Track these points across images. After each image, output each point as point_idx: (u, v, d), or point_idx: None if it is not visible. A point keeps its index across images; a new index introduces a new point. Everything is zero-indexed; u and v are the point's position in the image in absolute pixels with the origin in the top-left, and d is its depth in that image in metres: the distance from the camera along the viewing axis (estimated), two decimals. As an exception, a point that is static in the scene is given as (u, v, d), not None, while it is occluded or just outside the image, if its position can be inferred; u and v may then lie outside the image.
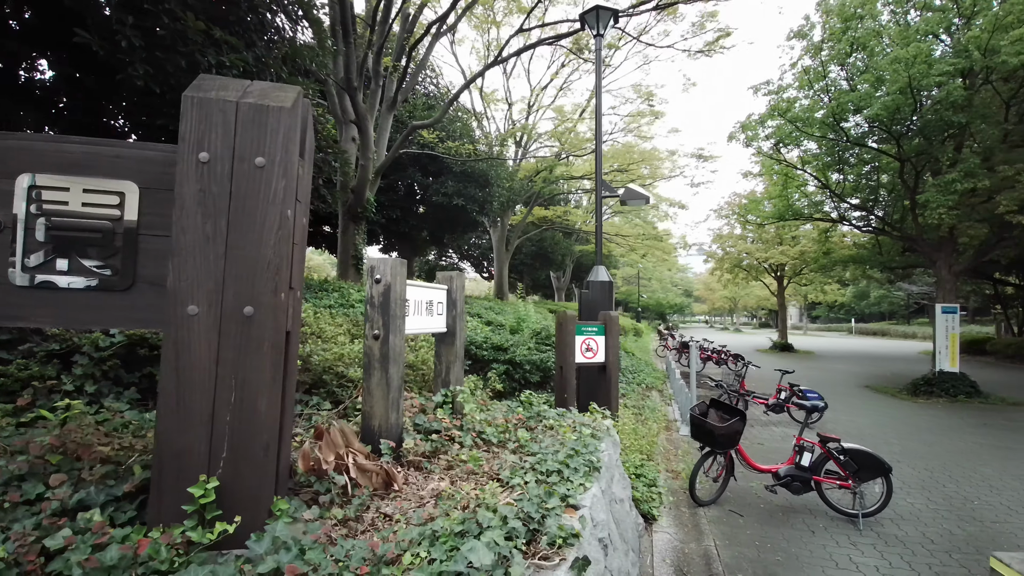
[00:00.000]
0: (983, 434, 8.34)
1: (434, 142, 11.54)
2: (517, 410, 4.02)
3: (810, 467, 4.70)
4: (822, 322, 71.51)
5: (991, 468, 6.44)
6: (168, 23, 4.50)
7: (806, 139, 13.37)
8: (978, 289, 27.50)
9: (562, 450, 2.89)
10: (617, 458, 4.03)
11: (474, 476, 2.65)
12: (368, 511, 2.12)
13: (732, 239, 27.10)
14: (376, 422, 2.70)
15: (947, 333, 12.09)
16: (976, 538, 4.37)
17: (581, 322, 5.74)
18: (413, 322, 3.16)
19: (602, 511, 2.55)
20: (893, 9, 12.08)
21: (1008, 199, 9.92)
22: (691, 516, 4.68)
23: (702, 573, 3.65)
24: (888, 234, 13.82)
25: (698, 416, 4.83)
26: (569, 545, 1.92)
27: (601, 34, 7.44)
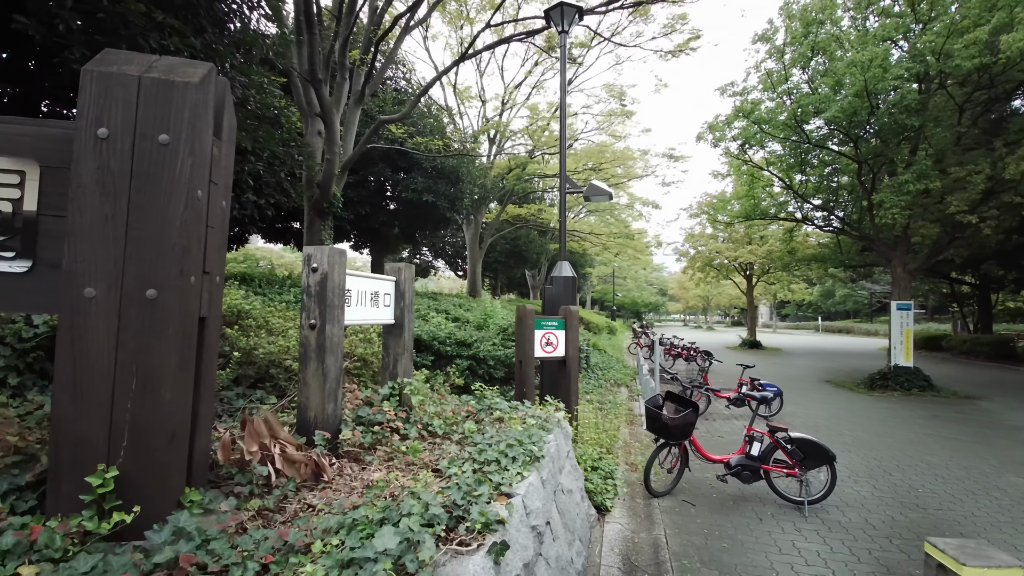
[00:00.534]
0: (933, 425, 8.68)
1: (403, 137, 11.41)
2: (470, 403, 4.01)
3: (759, 456, 4.81)
4: (791, 320, 73.47)
5: (938, 458, 6.70)
6: (107, 5, 4.33)
7: (771, 140, 13.70)
8: (935, 288, 28.62)
9: (504, 441, 2.88)
10: (568, 450, 4.05)
11: (413, 467, 2.62)
12: (291, 502, 2.07)
13: (703, 238, 27.58)
14: (312, 413, 2.65)
15: (902, 329, 12.54)
16: (918, 524, 4.53)
17: (541, 316, 5.75)
18: (356, 313, 3.11)
19: (539, 500, 2.54)
20: (853, 15, 12.47)
21: (959, 200, 10.34)
22: (645, 507, 4.73)
23: (649, 561, 3.69)
24: (848, 234, 14.27)
25: (653, 409, 4.89)
26: (492, 531, 1.91)
27: (565, 31, 7.47)
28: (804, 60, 11.78)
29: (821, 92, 11.04)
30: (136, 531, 1.60)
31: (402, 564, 1.51)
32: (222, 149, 1.96)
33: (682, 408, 4.89)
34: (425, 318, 8.05)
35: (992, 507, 4.94)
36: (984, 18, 9.95)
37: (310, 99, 9.95)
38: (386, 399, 3.36)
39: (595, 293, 57.90)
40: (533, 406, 4.17)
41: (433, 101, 19.66)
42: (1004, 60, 9.40)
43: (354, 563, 1.51)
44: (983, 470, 6.17)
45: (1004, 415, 9.65)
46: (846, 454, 6.79)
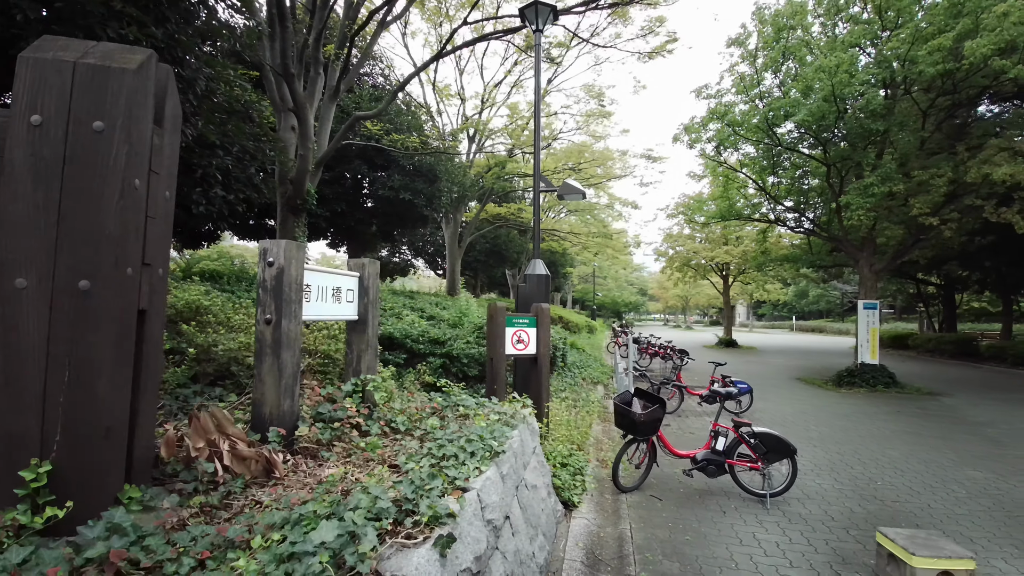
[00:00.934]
0: (895, 420, 8.95)
1: (379, 134, 11.30)
2: (436, 400, 4.00)
3: (724, 451, 4.90)
4: (767, 320, 74.96)
5: (898, 452, 6.91)
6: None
7: (744, 143, 13.96)
8: (902, 288, 29.52)
9: (464, 437, 2.88)
10: (535, 446, 4.07)
11: (371, 463, 2.60)
12: (239, 499, 2.04)
13: (681, 239, 27.97)
14: (267, 409, 2.61)
15: (868, 328, 12.91)
16: (875, 516, 4.66)
17: (512, 314, 5.76)
18: (316, 308, 3.07)
19: (496, 494, 2.55)
20: (823, 21, 12.77)
21: (921, 202, 10.68)
22: (613, 502, 4.78)
23: (613, 555, 3.73)
24: (817, 235, 14.63)
25: (622, 405, 4.94)
26: (442, 525, 1.91)
27: (540, 30, 7.49)
28: (775, 65, 12.03)
29: (792, 96, 11.28)
30: (72, 526, 1.56)
31: (342, 557, 1.50)
32: (164, 138, 1.91)
33: (650, 404, 4.94)
34: (399, 316, 7.98)
35: (949, 500, 5.11)
36: (949, 25, 10.30)
37: (283, 93, 9.79)
38: (349, 396, 3.33)
39: (576, 293, 58.24)
40: (501, 403, 4.18)
41: (412, 99, 19.52)
42: (967, 66, 9.73)
43: (293, 557, 1.49)
44: (942, 464, 6.38)
45: (965, 410, 10.00)
46: (811, 449, 6.96)
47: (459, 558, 1.94)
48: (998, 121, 13.20)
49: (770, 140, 12.82)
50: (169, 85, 1.94)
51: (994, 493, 5.31)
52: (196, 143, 7.12)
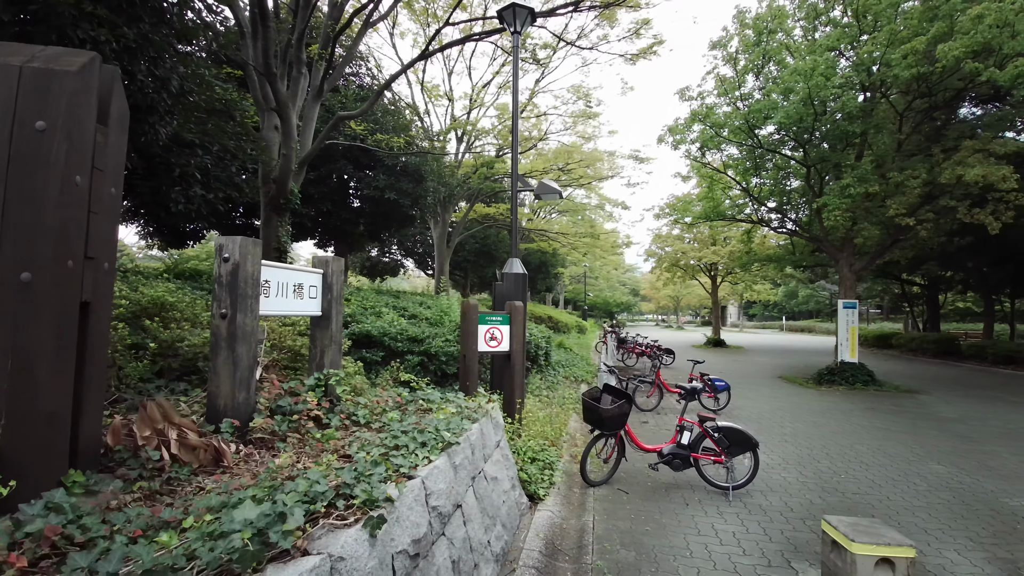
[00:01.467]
0: (868, 417, 9.13)
1: (364, 134, 11.36)
2: (403, 394, 4.08)
3: (689, 445, 5.02)
4: (758, 320, 75.53)
5: (866, 446, 7.07)
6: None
7: (728, 144, 14.14)
8: (888, 288, 29.89)
9: (419, 428, 2.97)
10: (499, 440, 4.16)
11: (324, 453, 2.68)
12: (184, 485, 2.12)
13: (670, 239, 28.18)
14: (222, 401, 2.68)
15: (847, 327, 13.11)
16: (834, 507, 4.79)
17: (485, 312, 5.85)
18: (276, 304, 3.15)
19: (444, 482, 2.64)
20: (803, 25, 12.97)
21: (897, 203, 10.88)
22: (580, 495, 4.88)
23: (573, 545, 3.82)
24: (799, 235, 14.84)
25: (589, 400, 5.04)
26: (377, 508, 2.00)
27: (518, 31, 7.58)
28: (756, 67, 12.21)
29: (772, 98, 11.45)
30: (16, 505, 1.63)
31: (267, 535, 1.58)
32: (109, 136, 1.99)
33: (617, 400, 5.05)
34: (378, 314, 8.04)
35: (909, 492, 5.26)
36: (925, 28, 10.50)
37: (266, 93, 9.82)
38: (311, 390, 3.40)
39: (568, 293, 58.39)
40: (468, 398, 4.27)
41: (400, 99, 19.58)
42: (940, 69, 9.93)
43: (220, 535, 1.57)
44: (907, 458, 6.54)
45: (937, 407, 10.20)
46: (781, 444, 7.10)
47: (395, 540, 2.03)
48: (974, 123, 13.44)
49: (752, 142, 13.00)
50: (115, 86, 2.01)
51: (955, 487, 5.46)
52: (174, 142, 7.17)
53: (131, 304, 3.59)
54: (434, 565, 2.33)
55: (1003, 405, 10.56)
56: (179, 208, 7.46)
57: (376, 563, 1.82)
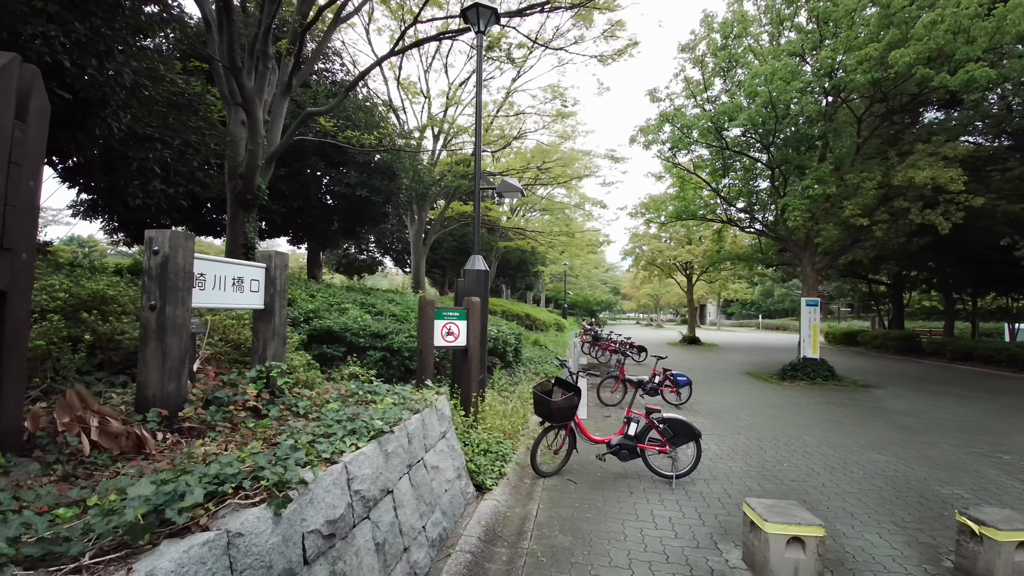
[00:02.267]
0: (822, 410, 9.46)
1: (334, 130, 11.33)
2: (350, 386, 4.16)
3: (636, 436, 5.19)
4: (736, 318, 76.88)
5: (814, 437, 7.35)
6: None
7: (698, 145, 14.43)
8: (856, 288, 30.75)
9: (352, 417, 3.05)
10: (444, 431, 4.26)
11: (253, 441, 2.75)
12: (103, 470, 2.18)
13: (646, 238, 28.57)
14: (151, 392, 2.73)
15: (810, 324, 13.51)
16: (771, 493, 5.00)
17: (442, 307, 5.94)
18: (214, 297, 3.20)
19: (370, 468, 2.73)
20: (769, 30, 13.30)
21: (854, 204, 11.27)
22: (530, 486, 5.01)
23: (513, 531, 3.95)
24: (766, 235, 15.22)
25: (539, 393, 5.17)
26: (288, 489, 2.09)
27: (482, 31, 7.67)
28: (722, 71, 12.50)
29: (736, 101, 11.74)
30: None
31: (163, 512, 1.67)
32: (27, 132, 2.04)
33: (567, 392, 5.19)
34: (342, 310, 8.08)
35: (844, 480, 5.51)
36: (881, 35, 10.87)
37: (232, 87, 9.74)
38: (252, 382, 3.46)
39: (549, 291, 58.71)
40: (414, 391, 4.36)
41: (376, 95, 19.49)
42: (894, 75, 10.30)
43: (116, 512, 1.65)
44: (850, 448, 6.82)
45: (889, 401, 10.61)
46: (735, 436, 7.34)
47: (307, 520, 2.13)
48: (931, 128, 13.94)
49: (720, 143, 13.30)
50: (34, 84, 2.06)
51: (890, 475, 5.73)
52: (131, 136, 7.10)
53: (70, 297, 3.60)
54: (353, 546, 2.43)
55: (953, 399, 11.02)
56: (137, 202, 7.39)
57: (279, 540, 1.91)
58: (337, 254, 25.39)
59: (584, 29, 17.87)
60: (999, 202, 12.85)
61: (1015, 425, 8.53)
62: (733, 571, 3.46)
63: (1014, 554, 3.32)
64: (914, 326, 31.16)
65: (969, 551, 3.49)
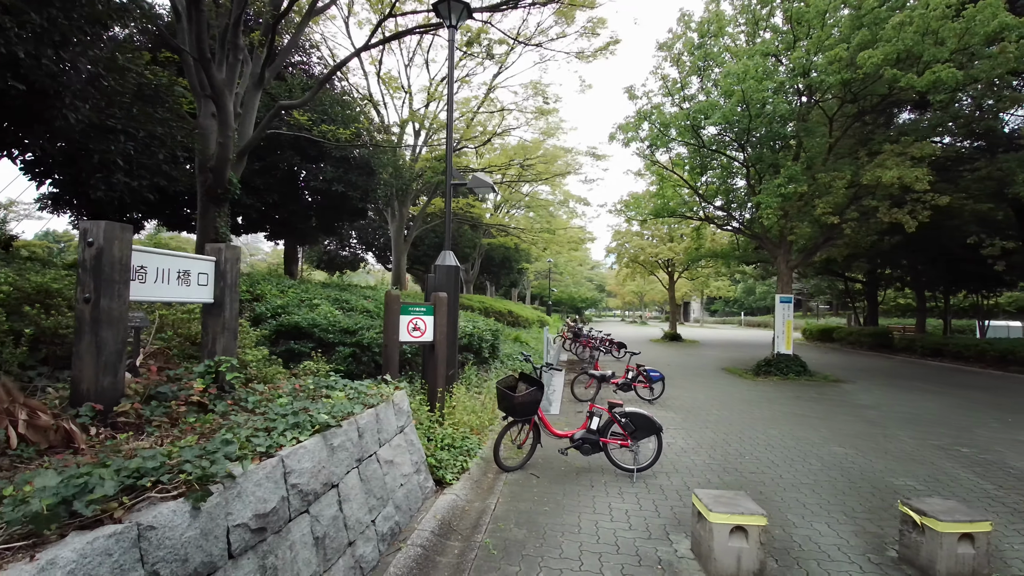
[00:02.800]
0: (791, 404, 9.63)
1: (308, 124, 11.20)
2: (307, 381, 4.13)
3: (598, 430, 5.23)
4: (719, 315, 77.78)
5: (778, 431, 7.48)
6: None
7: (677, 143, 14.54)
8: (833, 285, 31.32)
9: (296, 412, 3.04)
10: (401, 426, 4.26)
11: (192, 435, 2.72)
12: (27, 463, 2.14)
13: (628, 235, 28.74)
14: (85, 385, 2.68)
15: (783, 320, 13.73)
16: (728, 485, 5.08)
17: (408, 303, 5.93)
18: (157, 290, 3.15)
19: (310, 462, 2.72)
20: (746, 30, 13.44)
21: (824, 203, 11.46)
22: (492, 480, 5.03)
23: (469, 525, 3.97)
24: (743, 233, 15.42)
25: (503, 389, 5.18)
26: (213, 483, 2.07)
27: (454, 25, 7.64)
28: (698, 69, 12.61)
29: (713, 99, 11.85)
30: None
31: (71, 503, 1.64)
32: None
33: (530, 387, 5.22)
34: (312, 306, 8.01)
35: (802, 471, 5.62)
36: (852, 36, 11.04)
37: (202, 79, 9.58)
38: (200, 377, 3.42)
39: (534, 289, 58.80)
40: (371, 386, 4.34)
41: (355, 89, 19.31)
42: (862, 75, 10.48)
43: (27, 502, 1.63)
44: (813, 441, 6.96)
45: (857, 395, 10.84)
46: (703, 430, 7.44)
47: (232, 514, 2.11)
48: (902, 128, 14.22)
49: (696, 141, 13.42)
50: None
51: (846, 467, 5.85)
52: (93, 127, 6.95)
53: (14, 291, 3.52)
54: (288, 540, 2.42)
55: (918, 394, 11.30)
56: (99, 195, 7.23)
57: (197, 533, 1.90)
58: (318, 250, 25.14)
59: (566, 26, 17.92)
60: (967, 201, 13.17)
61: (976, 419, 8.76)
62: (681, 561, 3.51)
63: (956, 545, 3.40)
64: (889, 323, 31.84)
65: (912, 541, 3.58)
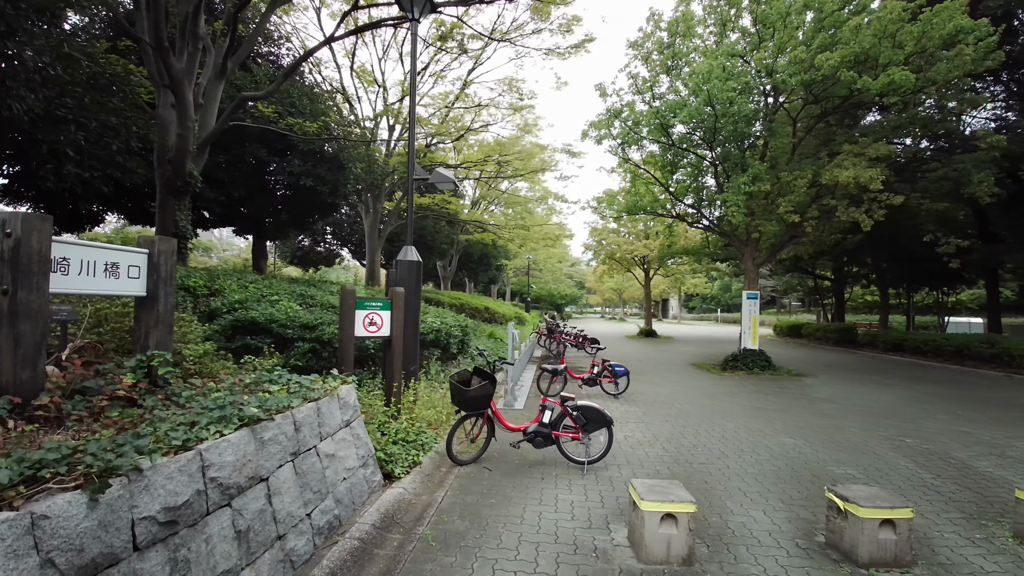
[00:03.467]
0: (751, 398, 9.86)
1: (273, 117, 11.02)
2: (249, 376, 4.10)
3: (550, 423, 5.30)
4: (697, 312, 78.98)
5: (734, 423, 7.66)
6: None
7: (649, 141, 14.71)
8: (803, 282, 32.09)
9: (219, 406, 3.02)
10: (346, 420, 4.25)
11: (113, 429, 2.69)
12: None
13: (605, 233, 28.98)
14: (3, 379, 2.63)
15: (750, 316, 14.03)
16: (677, 475, 5.20)
17: (364, 298, 5.90)
18: (82, 282, 3.09)
19: (233, 455, 2.71)
20: (714, 30, 13.64)
21: (786, 201, 11.74)
22: (445, 474, 5.05)
23: (413, 518, 3.99)
24: (712, 230, 15.69)
25: (456, 383, 5.21)
26: (118, 476, 2.06)
27: (416, 19, 7.60)
28: (666, 68, 12.77)
29: (681, 98, 12.02)
30: None
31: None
32: None
33: (483, 381, 5.25)
34: (272, 301, 7.91)
35: (748, 462, 5.77)
36: (814, 38, 11.31)
37: (160, 68, 9.35)
38: (132, 371, 3.37)
39: (514, 285, 58.88)
40: (317, 379, 4.32)
41: (329, 82, 19.05)
42: (820, 77, 10.75)
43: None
44: (766, 432, 7.15)
45: (816, 389, 11.15)
46: (662, 423, 7.59)
47: (138, 507, 2.10)
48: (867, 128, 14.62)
49: (666, 139, 13.59)
50: None
51: (793, 456, 6.03)
52: (42, 118, 6.75)
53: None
54: (204, 533, 2.41)
55: (874, 387, 11.67)
56: (48, 187, 7.02)
57: (94, 524, 1.89)
58: (292, 246, 24.76)
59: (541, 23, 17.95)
60: (923, 201, 13.62)
61: (926, 411, 9.08)
62: (616, 548, 3.60)
63: (878, 531, 3.55)
64: (856, 319, 32.76)
65: (837, 526, 3.73)
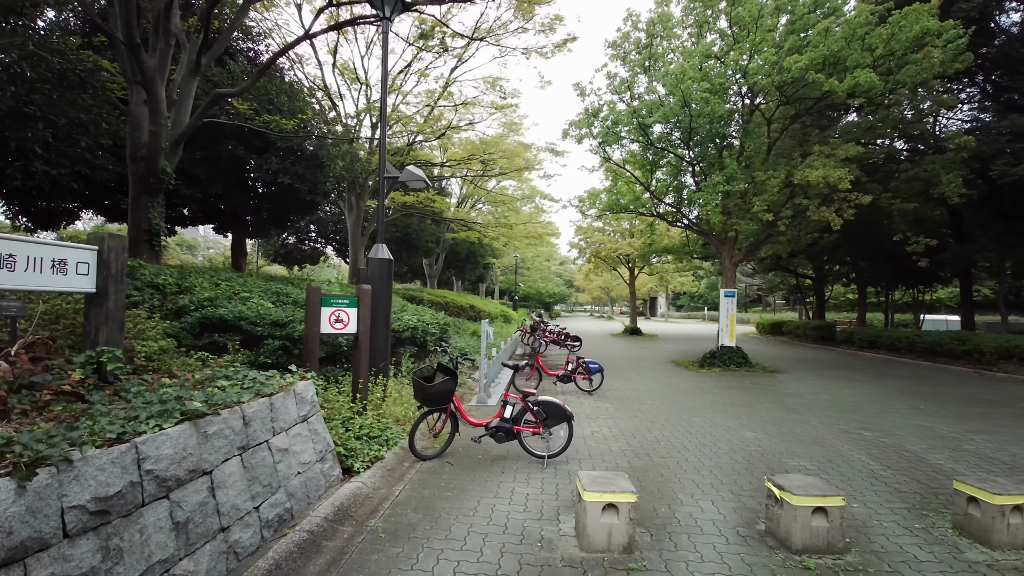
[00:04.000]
0: (722, 394, 10.04)
1: (249, 114, 10.97)
2: (204, 373, 4.14)
3: (512, 418, 5.39)
4: (685, 310, 79.59)
5: (701, 418, 7.81)
6: None
7: (629, 141, 14.85)
8: (785, 280, 32.52)
9: (160, 401, 3.06)
10: (304, 414, 4.31)
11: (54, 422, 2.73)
12: None
13: (591, 231, 29.14)
14: (-61, 375, 2.66)
15: (727, 314, 14.24)
16: (636, 469, 5.32)
17: (330, 295, 5.95)
18: (28, 279, 3.11)
19: (172, 448, 2.76)
20: (691, 32, 13.79)
21: (760, 201, 11.93)
22: (407, 469, 5.12)
23: (368, 511, 4.06)
24: (691, 229, 15.89)
25: (418, 379, 5.28)
26: (48, 466, 2.12)
27: (388, 17, 7.62)
28: (644, 68, 12.90)
29: (656, 98, 12.15)
30: None
31: None
32: None
33: (445, 377, 5.33)
34: (243, 299, 7.91)
35: (706, 455, 5.89)
36: (785, 40, 11.50)
37: (132, 65, 9.29)
38: (81, 367, 3.40)
39: (503, 284, 58.96)
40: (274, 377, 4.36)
41: (311, 79, 18.95)
42: (791, 79, 10.94)
43: None
44: (730, 427, 7.30)
45: (787, 384, 11.37)
46: (631, 418, 7.71)
47: (68, 496, 2.16)
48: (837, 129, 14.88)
49: (644, 139, 13.73)
50: None
51: (752, 450, 6.17)
52: (8, 114, 6.70)
53: None
54: (138, 524, 2.46)
55: (845, 382, 11.91)
56: (16, 184, 6.96)
57: (23, 510, 1.95)
58: (274, 244, 24.62)
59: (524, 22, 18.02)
60: (894, 201, 13.90)
61: (890, 406, 9.30)
62: (562, 538, 3.69)
63: (810, 518, 3.68)
64: (837, 317, 33.28)
65: (774, 514, 3.86)
